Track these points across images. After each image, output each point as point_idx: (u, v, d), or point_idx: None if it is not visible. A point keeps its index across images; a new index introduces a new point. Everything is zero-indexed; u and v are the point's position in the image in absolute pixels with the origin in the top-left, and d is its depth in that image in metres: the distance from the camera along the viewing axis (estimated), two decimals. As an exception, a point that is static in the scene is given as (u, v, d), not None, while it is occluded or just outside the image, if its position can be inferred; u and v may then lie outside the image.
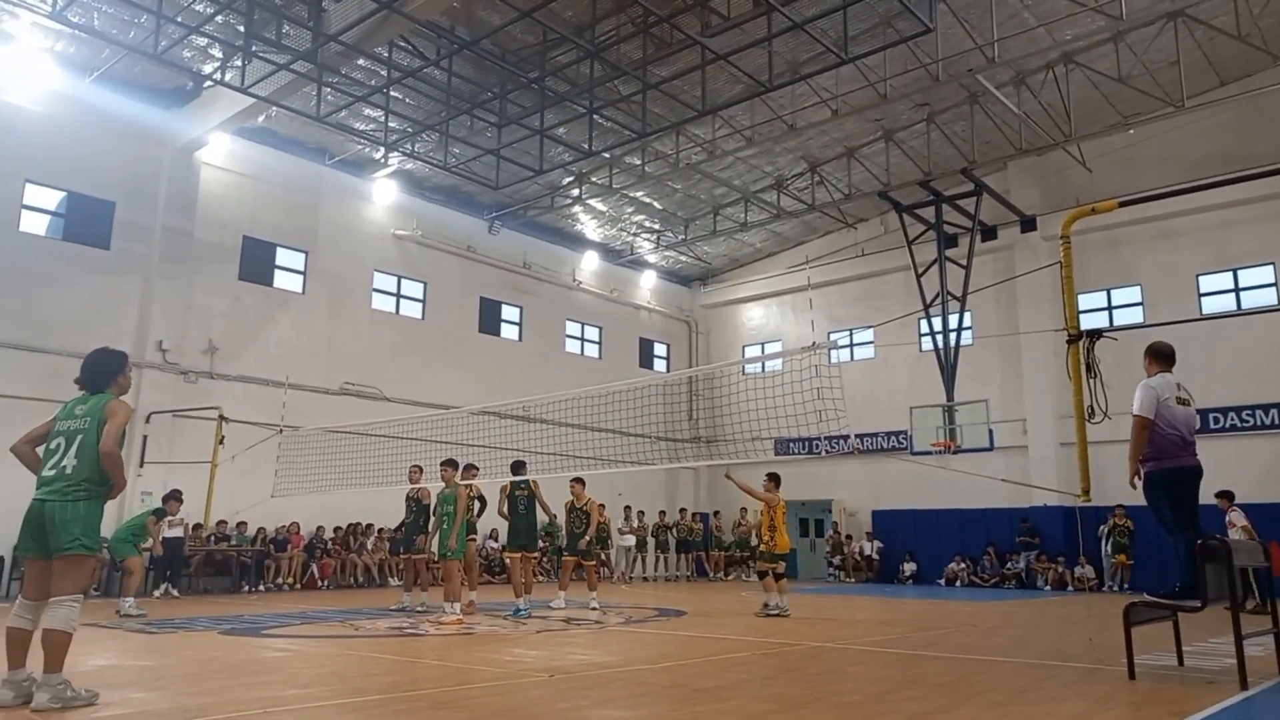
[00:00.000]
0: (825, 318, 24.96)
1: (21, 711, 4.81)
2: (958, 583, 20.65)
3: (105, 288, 16.16)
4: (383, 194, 20.67)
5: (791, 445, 21.27)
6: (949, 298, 20.50)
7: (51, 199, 16.05)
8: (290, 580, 16.80)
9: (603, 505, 14.28)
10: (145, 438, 15.82)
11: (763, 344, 26.74)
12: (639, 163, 20.71)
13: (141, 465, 15.61)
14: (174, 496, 12.67)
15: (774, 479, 12.09)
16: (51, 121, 15.71)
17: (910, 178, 20.95)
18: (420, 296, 21.57)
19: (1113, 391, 6.81)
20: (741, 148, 20.08)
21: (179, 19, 13.69)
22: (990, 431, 19.28)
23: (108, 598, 13.38)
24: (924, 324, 21.70)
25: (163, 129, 16.91)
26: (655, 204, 23.34)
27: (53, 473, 5.08)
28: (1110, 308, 20.88)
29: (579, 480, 13.24)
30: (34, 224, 15.80)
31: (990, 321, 22.00)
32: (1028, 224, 21.77)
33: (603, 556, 18.39)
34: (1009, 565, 20.44)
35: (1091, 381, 6.82)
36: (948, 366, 20.25)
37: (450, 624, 10.02)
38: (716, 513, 25.33)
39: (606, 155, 19.40)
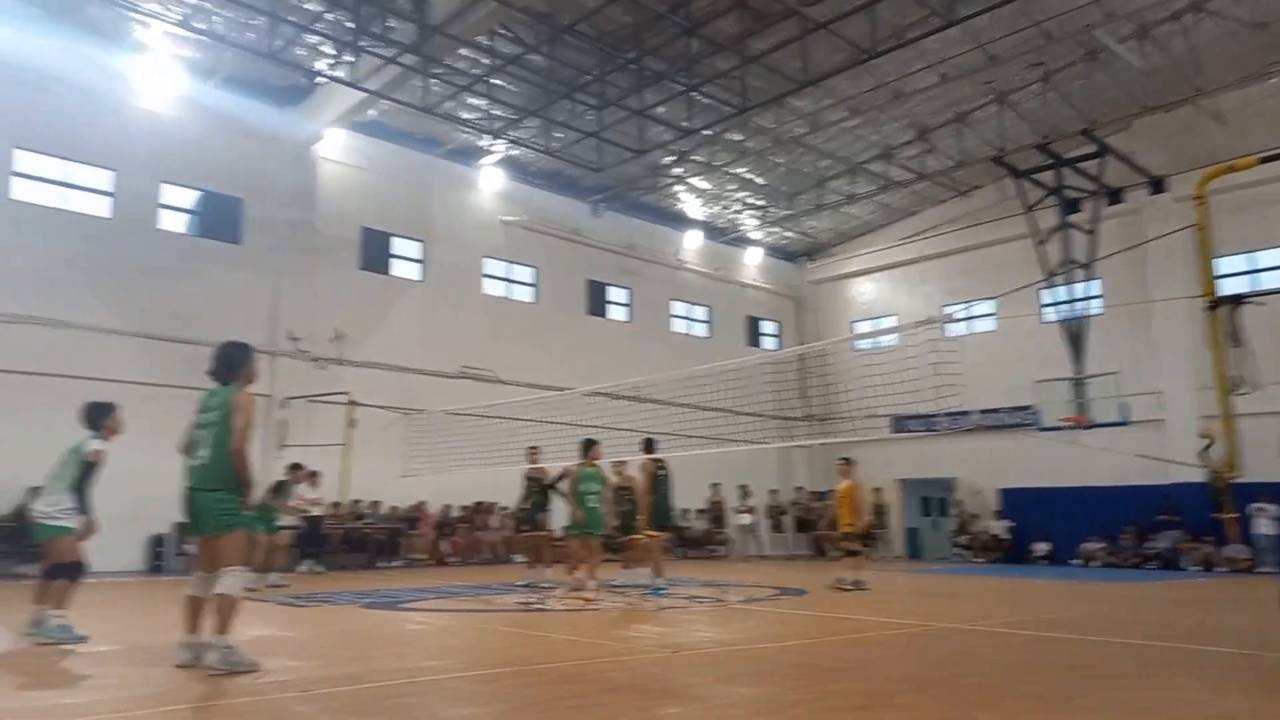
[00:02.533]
0: (940, 290, 24.18)
1: (197, 671, 5.22)
2: (1095, 563, 19.75)
3: (238, 280, 17.10)
4: (490, 181, 21.13)
5: (908, 423, 20.74)
6: (1073, 266, 19.52)
7: (186, 198, 17.08)
8: (422, 556, 17.52)
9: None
10: (284, 421, 16.71)
11: (874, 319, 26.14)
12: (740, 138, 20.48)
13: (281, 448, 16.52)
14: (293, 468, 13.18)
15: (849, 461, 12.06)
16: (182, 124, 16.66)
17: (1026, 141, 20.00)
18: (531, 281, 22.00)
19: (1263, 361, 6.38)
20: (845, 118, 19.59)
21: (291, 19, 14.29)
22: (1124, 405, 18.28)
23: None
24: (1046, 294, 20.73)
25: (281, 126, 17.67)
26: (758, 180, 23.06)
27: (194, 464, 5.49)
28: (1253, 271, 19.49)
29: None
30: (171, 222, 16.84)
31: (1119, 289, 20.84)
32: (1156, 185, 20.47)
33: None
34: (1149, 545, 19.40)
35: (1236, 351, 6.41)
36: (1075, 338, 19.31)
37: (581, 599, 10.26)
38: (832, 491, 24.96)
39: (707, 132, 19.24)
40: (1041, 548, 21.06)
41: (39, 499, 6.97)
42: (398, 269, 19.74)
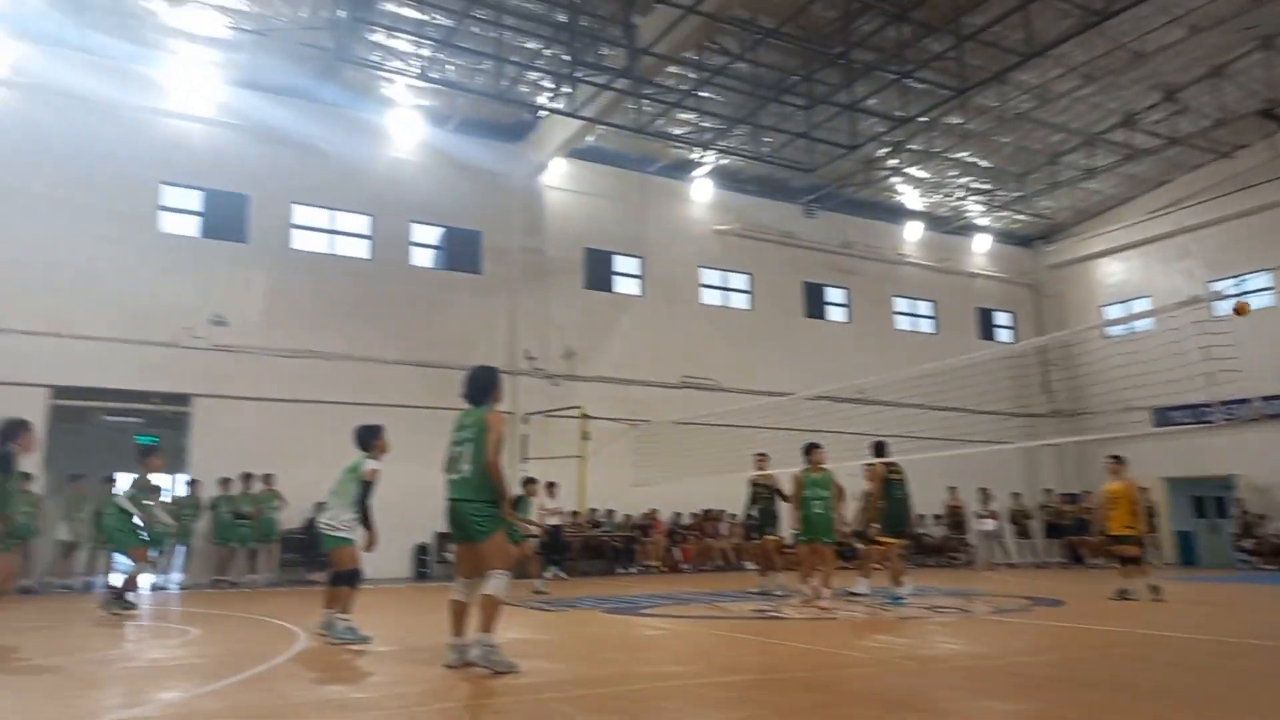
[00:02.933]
0: (1203, 265, 21.66)
1: (465, 671, 5.71)
2: None
3: (480, 307, 18.53)
4: (701, 193, 21.48)
5: (1173, 414, 18.72)
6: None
7: (432, 235, 18.74)
8: (656, 563, 18.07)
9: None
10: (525, 436, 17.88)
11: (1126, 301, 23.84)
12: (960, 121, 19.45)
13: (524, 460, 17.68)
14: (528, 483, 13.74)
15: (1119, 460, 10.94)
16: (425, 168, 18.33)
17: (1304, 87, 17.54)
18: (746, 288, 22.09)
19: None
20: (1078, 87, 18.09)
21: (513, 59, 15.31)
22: None
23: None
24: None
25: (511, 161, 19.04)
26: (982, 162, 21.77)
27: (455, 478, 5.98)
28: None
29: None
30: (421, 258, 18.55)
31: None
32: None
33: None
34: None
35: None
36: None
37: (816, 607, 10.17)
38: (1087, 492, 23.01)
39: (923, 119, 18.45)
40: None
41: (323, 513, 7.81)
42: (620, 285, 20.53)
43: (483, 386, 6.19)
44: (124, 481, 16.43)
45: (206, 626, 8.82)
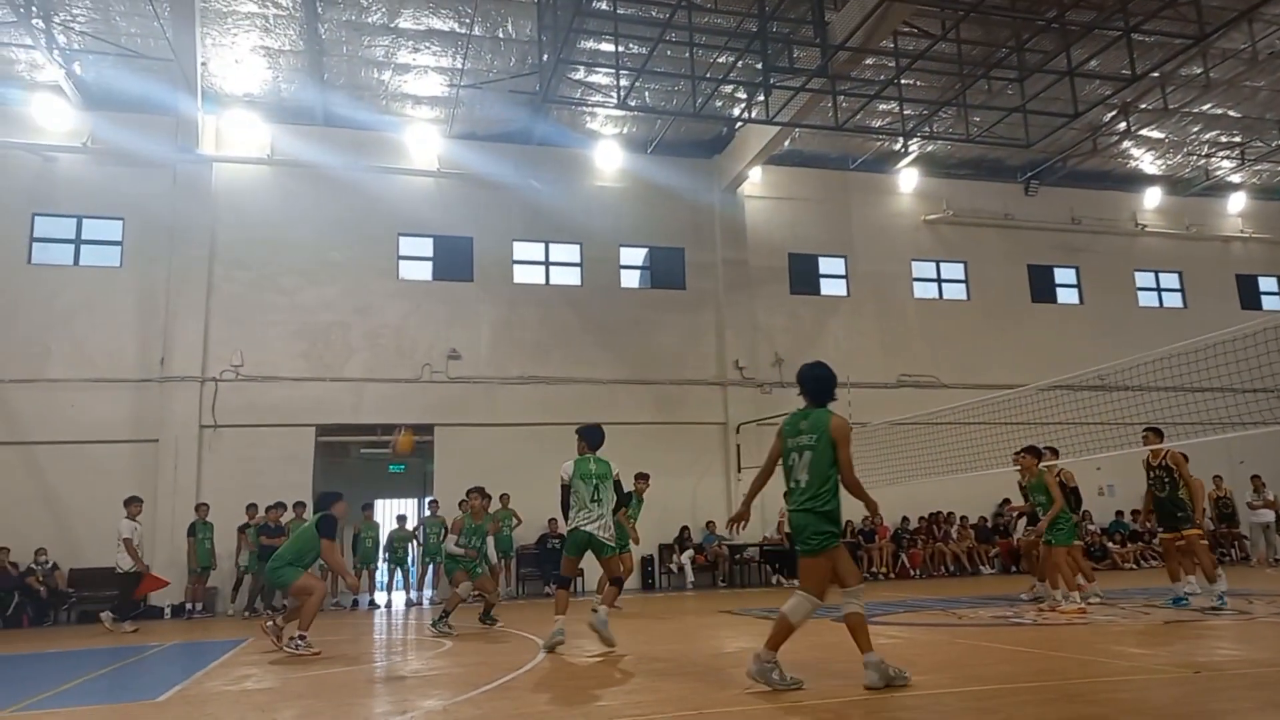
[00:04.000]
0: None
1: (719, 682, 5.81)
2: None
3: (687, 322, 18.88)
4: (907, 183, 20.71)
5: None
6: None
7: (638, 255, 19.33)
8: (883, 570, 17.50)
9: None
10: (738, 446, 17.98)
11: None
12: (1200, 71, 17.48)
13: (739, 471, 17.75)
14: (641, 476, 13.12)
15: None
16: (628, 193, 18.99)
17: None
18: (961, 277, 21.01)
19: None
20: (1348, 11, 15.72)
21: (708, 75, 15.52)
22: None
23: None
24: None
25: (710, 176, 19.32)
26: (1231, 113, 19.42)
27: (792, 485, 5.56)
28: None
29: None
30: (630, 279, 19.17)
31: None
32: None
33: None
34: None
35: None
36: None
37: (1070, 612, 9.46)
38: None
39: (1155, 75, 16.75)
40: None
41: (591, 523, 7.85)
42: (827, 287, 20.17)
43: (826, 385, 5.67)
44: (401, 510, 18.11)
45: (460, 639, 9.54)
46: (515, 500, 16.32)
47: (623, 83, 15.48)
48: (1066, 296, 21.68)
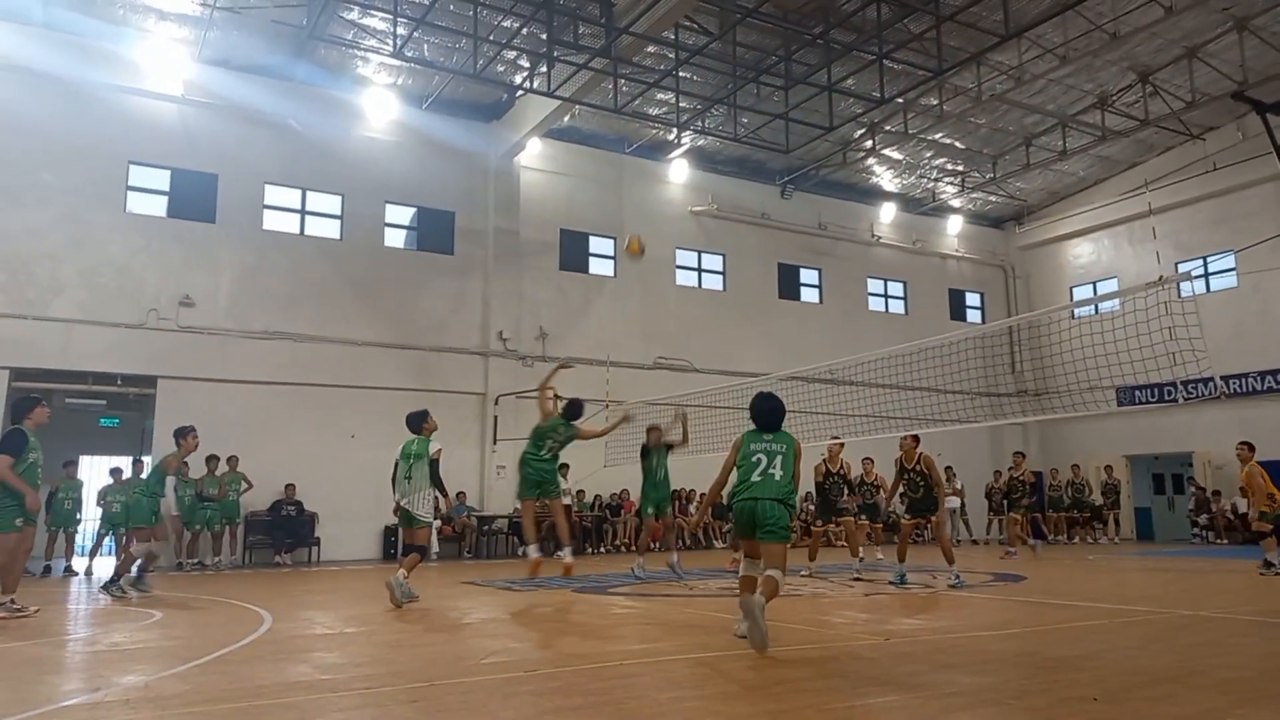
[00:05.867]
0: (1171, 246, 21.99)
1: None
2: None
3: (453, 288, 18.40)
4: (677, 174, 21.42)
5: (1138, 393, 19.04)
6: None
7: (405, 215, 18.54)
8: (625, 542, 18.13)
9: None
10: (496, 418, 17.84)
11: (1094, 283, 24.16)
12: (935, 102, 19.52)
13: (495, 443, 17.63)
14: None
15: (1250, 446, 11.89)
16: (400, 148, 18.12)
17: (1273, 71, 17.74)
18: (720, 269, 22.11)
19: None
20: (1054, 68, 18.22)
21: (491, 38, 15.14)
22: None
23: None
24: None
25: (486, 141, 18.85)
26: (957, 144, 21.90)
27: (759, 478, 6.21)
28: None
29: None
30: (394, 238, 18.36)
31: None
32: None
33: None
34: None
35: None
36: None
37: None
38: (1054, 470, 23.37)
39: (900, 100, 18.50)
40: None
41: (404, 497, 8.68)
42: (595, 266, 20.45)
43: (778, 416, 6.49)
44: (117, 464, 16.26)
45: (171, 610, 8.76)
46: (249, 463, 15.21)
47: (400, 30, 14.76)
48: (809, 295, 23.48)
